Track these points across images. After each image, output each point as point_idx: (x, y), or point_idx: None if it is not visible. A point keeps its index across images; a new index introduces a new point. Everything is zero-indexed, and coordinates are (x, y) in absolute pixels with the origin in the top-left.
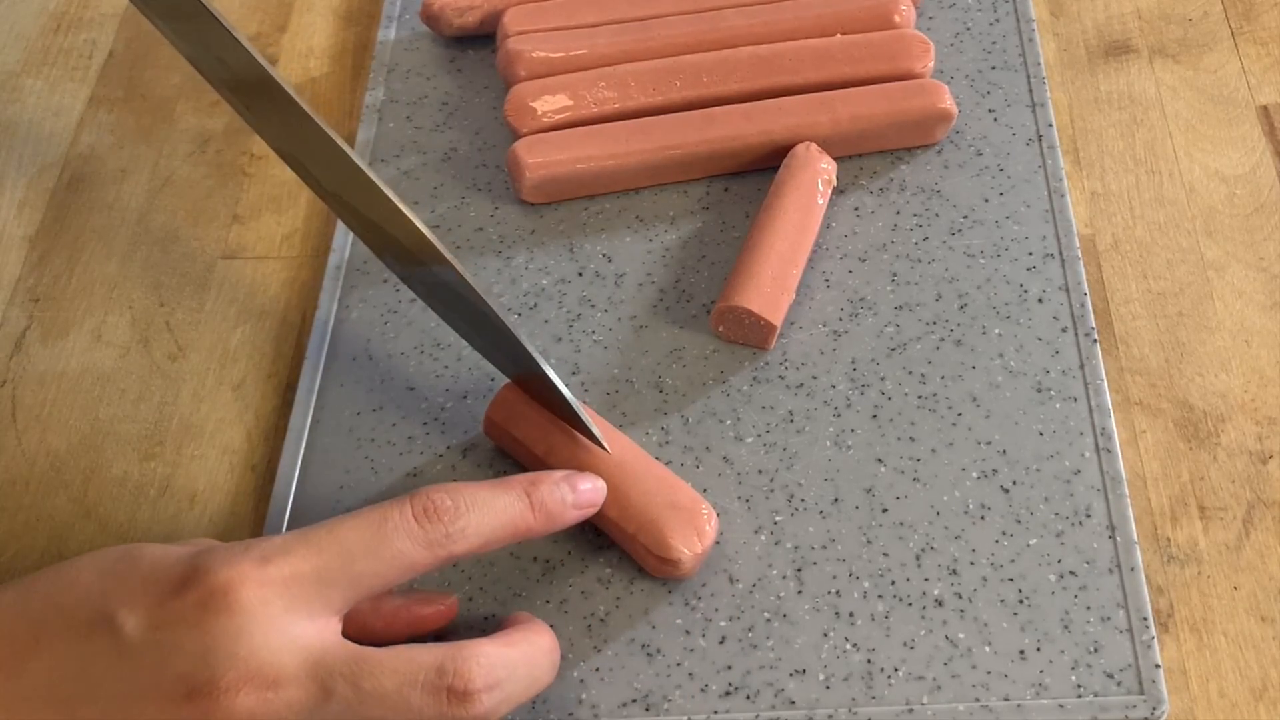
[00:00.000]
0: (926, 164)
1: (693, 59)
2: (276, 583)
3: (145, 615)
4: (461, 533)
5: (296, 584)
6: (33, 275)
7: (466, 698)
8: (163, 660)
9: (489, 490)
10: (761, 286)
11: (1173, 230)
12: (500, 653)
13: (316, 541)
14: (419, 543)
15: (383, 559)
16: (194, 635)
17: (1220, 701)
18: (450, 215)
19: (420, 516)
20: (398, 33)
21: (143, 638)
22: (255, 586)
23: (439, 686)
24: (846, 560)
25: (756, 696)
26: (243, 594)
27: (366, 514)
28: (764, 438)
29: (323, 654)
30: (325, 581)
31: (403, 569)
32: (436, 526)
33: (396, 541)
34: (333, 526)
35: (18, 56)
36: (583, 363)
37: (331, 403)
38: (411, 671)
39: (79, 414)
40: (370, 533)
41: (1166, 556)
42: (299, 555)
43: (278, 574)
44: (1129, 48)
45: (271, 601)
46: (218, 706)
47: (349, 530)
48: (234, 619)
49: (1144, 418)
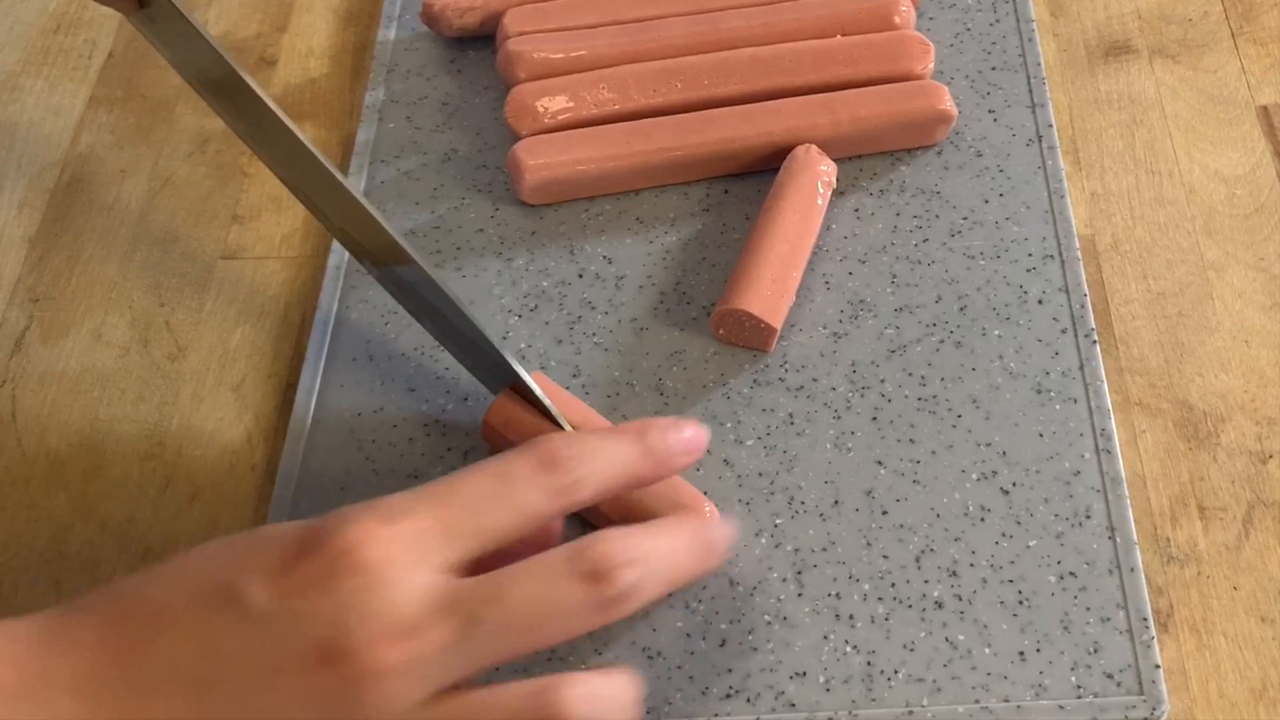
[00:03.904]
0: (926, 165)
1: (693, 60)
2: (403, 538)
3: (270, 584)
4: (582, 481)
5: (422, 538)
6: (33, 275)
7: (608, 575)
8: (294, 628)
9: (604, 438)
10: (762, 289)
11: (1173, 230)
12: (631, 533)
13: (440, 496)
14: (542, 492)
15: (507, 510)
16: (323, 598)
17: (1220, 702)
18: (450, 216)
19: (542, 466)
20: (398, 33)
21: (270, 607)
22: (382, 543)
23: (578, 573)
24: (846, 562)
25: (757, 699)
26: (368, 551)
27: (487, 466)
28: (764, 440)
29: (455, 590)
30: (451, 534)
31: (526, 519)
32: (559, 476)
33: (520, 492)
34: (454, 481)
35: (18, 56)
36: (583, 365)
37: (331, 403)
38: (548, 568)
39: (79, 414)
40: (493, 484)
41: (1166, 557)
42: (423, 511)
43: (403, 530)
44: (1129, 48)
45: (398, 557)
46: (359, 666)
47: (472, 483)
48: (362, 577)
49: (1144, 418)
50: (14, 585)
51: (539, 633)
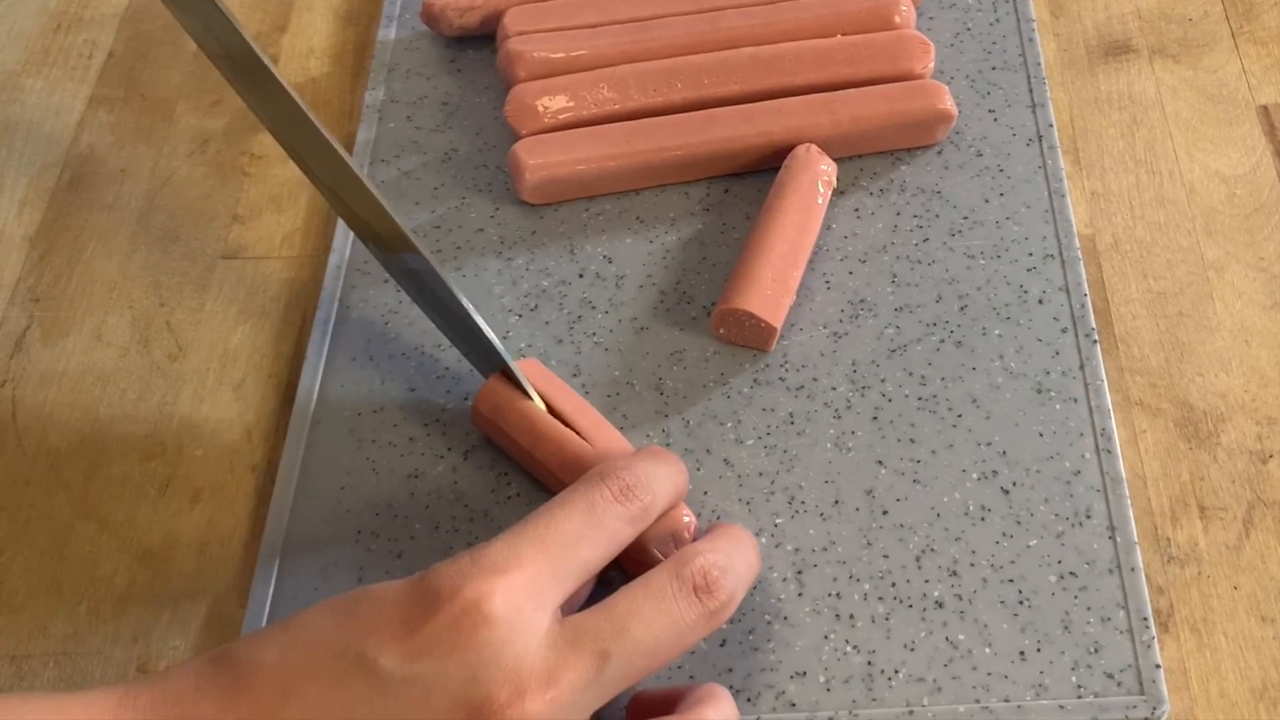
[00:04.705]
0: (927, 165)
1: (693, 60)
2: (521, 587)
3: (398, 647)
4: (653, 505)
5: (537, 583)
6: (33, 275)
7: (713, 587)
8: (430, 689)
9: (652, 462)
10: (762, 289)
11: (1173, 230)
12: (715, 545)
13: (539, 538)
14: (626, 520)
15: (600, 542)
16: (456, 657)
17: (1220, 701)
18: (450, 216)
19: (621, 496)
20: (398, 33)
21: (402, 671)
22: (504, 595)
23: (687, 590)
24: (847, 562)
25: (757, 699)
26: (494, 605)
27: (572, 501)
28: (764, 440)
29: (580, 629)
30: (560, 575)
31: (616, 547)
32: (636, 502)
33: (609, 522)
34: (548, 520)
35: (18, 56)
36: (583, 364)
37: (331, 403)
38: (658, 591)
39: (79, 414)
40: (584, 519)
41: (1166, 557)
42: (530, 555)
43: (520, 579)
44: (1129, 48)
45: (521, 606)
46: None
47: (564, 520)
48: (493, 631)
49: (1144, 418)
50: (14, 585)
51: (664, 653)
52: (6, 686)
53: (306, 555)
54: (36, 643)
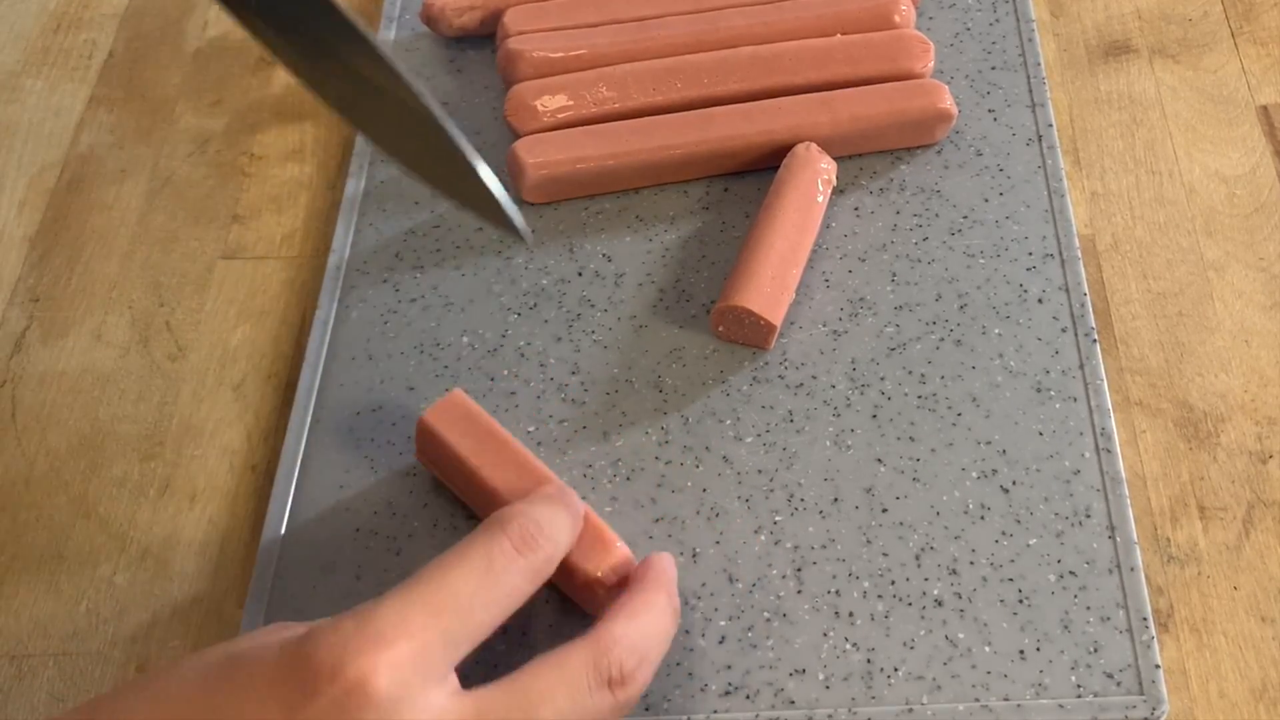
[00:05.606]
0: (926, 164)
1: (693, 59)
2: (408, 660)
3: None
4: (553, 556)
5: (427, 654)
6: (33, 275)
7: (626, 681)
8: None
9: (550, 507)
10: (761, 286)
11: (1173, 230)
12: (632, 627)
13: (428, 602)
14: (525, 574)
15: (498, 601)
16: None
17: (1220, 702)
18: (450, 215)
19: (521, 547)
20: (398, 33)
21: None
22: (389, 671)
23: (601, 682)
24: (846, 560)
25: (756, 696)
26: (379, 683)
27: (466, 556)
28: (764, 437)
29: (476, 707)
30: (451, 642)
31: (514, 604)
32: (537, 553)
33: (507, 579)
34: (438, 581)
35: (18, 56)
36: (582, 362)
37: (331, 403)
38: (572, 681)
39: (79, 414)
40: (479, 577)
41: (1166, 556)
42: (419, 624)
43: (406, 651)
44: (1129, 48)
45: (409, 681)
46: None
47: (457, 580)
48: (378, 712)
49: (1144, 418)
50: (14, 585)
51: None
52: (6, 686)
53: (306, 555)
54: (36, 643)
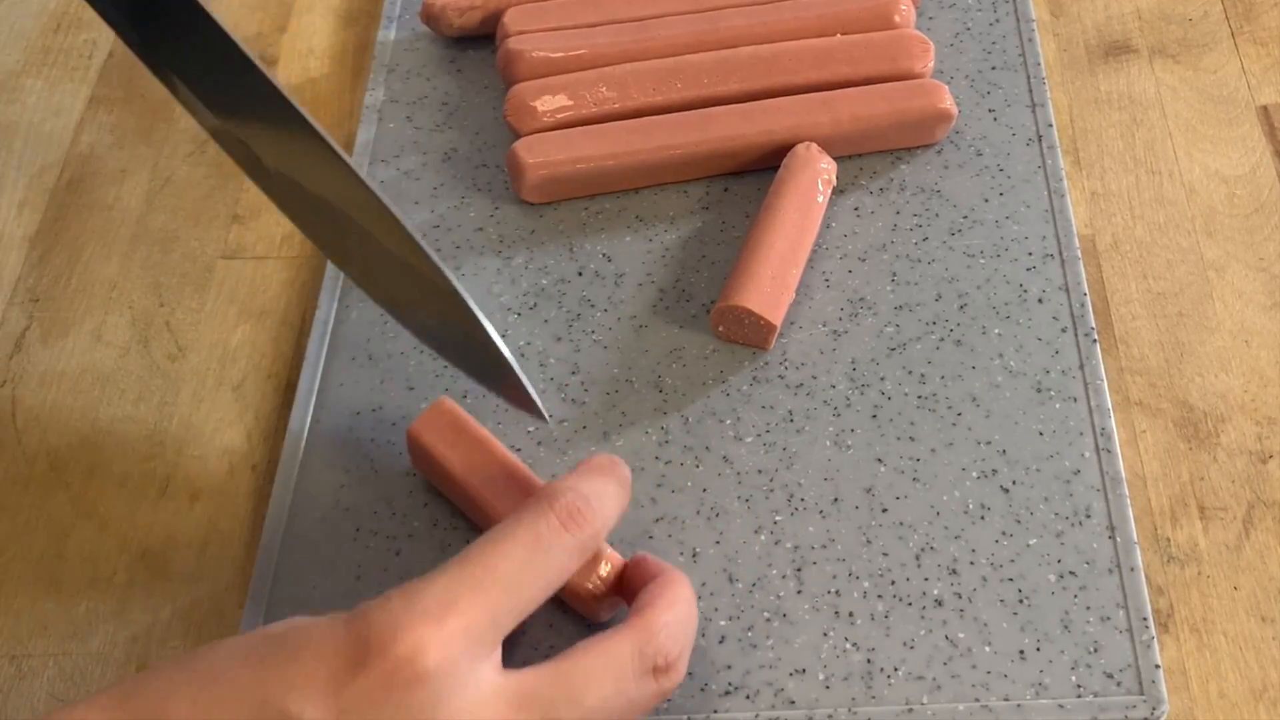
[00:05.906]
0: (926, 164)
1: (693, 59)
2: (457, 636)
3: (326, 704)
4: (599, 530)
5: (475, 631)
6: (33, 275)
7: (670, 668)
8: None
9: (598, 481)
10: (761, 286)
11: (1173, 230)
12: (672, 615)
13: (475, 580)
14: (572, 552)
15: (545, 578)
16: (389, 715)
17: (1220, 702)
18: (450, 215)
19: (568, 523)
20: (398, 33)
21: None
22: (438, 646)
23: (646, 669)
24: (846, 560)
25: (756, 696)
26: (428, 659)
27: (514, 535)
28: (764, 437)
29: (527, 688)
30: (498, 620)
31: (560, 580)
32: (584, 529)
33: (554, 557)
34: (485, 558)
35: (18, 56)
36: (582, 363)
37: (331, 403)
38: (619, 666)
39: (79, 414)
40: (527, 555)
41: (1166, 556)
42: (467, 601)
43: (456, 628)
44: (1129, 48)
45: (457, 658)
46: None
47: (504, 559)
48: (427, 687)
49: (1144, 418)
50: (14, 585)
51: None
52: (7, 686)
53: (306, 554)
54: (36, 643)
